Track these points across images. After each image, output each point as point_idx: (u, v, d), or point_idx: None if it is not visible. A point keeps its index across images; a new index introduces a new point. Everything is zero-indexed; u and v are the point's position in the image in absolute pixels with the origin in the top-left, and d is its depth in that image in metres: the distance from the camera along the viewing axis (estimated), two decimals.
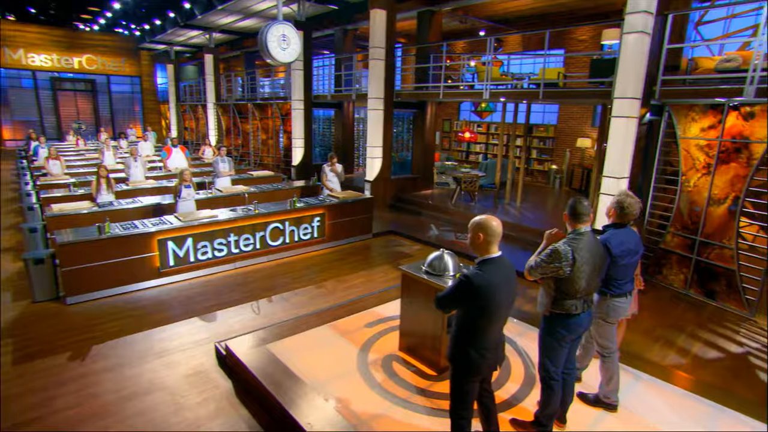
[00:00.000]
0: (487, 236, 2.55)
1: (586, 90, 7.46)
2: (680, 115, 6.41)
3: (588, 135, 12.40)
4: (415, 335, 4.16)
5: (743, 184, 5.82)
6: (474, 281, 2.45)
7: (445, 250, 4.12)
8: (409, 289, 4.13)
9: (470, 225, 2.66)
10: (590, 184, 10.31)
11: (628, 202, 3.37)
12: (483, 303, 2.48)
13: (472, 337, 2.58)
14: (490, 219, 2.61)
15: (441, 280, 3.87)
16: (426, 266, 4.09)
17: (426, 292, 3.93)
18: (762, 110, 5.62)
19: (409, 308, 4.17)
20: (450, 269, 3.98)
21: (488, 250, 2.57)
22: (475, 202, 10.40)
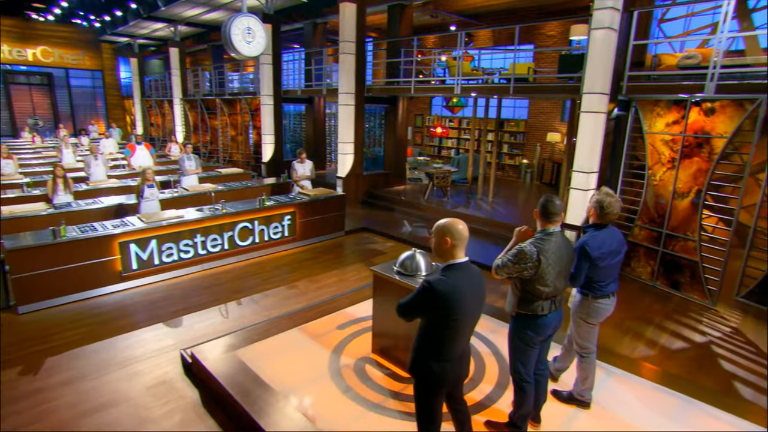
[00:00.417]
0: (454, 240, 2.44)
1: (555, 85, 7.51)
2: (646, 111, 6.51)
3: (558, 129, 12.57)
4: (388, 337, 4.08)
5: (705, 178, 5.96)
6: (437, 288, 2.32)
7: (417, 249, 4.04)
8: (381, 289, 4.04)
9: (435, 229, 2.52)
10: (560, 178, 10.44)
11: (608, 201, 3.27)
12: (447, 311, 2.35)
13: (434, 349, 2.45)
14: (455, 222, 2.49)
15: (413, 281, 3.80)
16: (398, 266, 4.00)
17: (398, 293, 3.85)
18: (722, 106, 5.76)
19: (381, 309, 4.08)
20: (422, 269, 3.91)
21: (454, 255, 2.45)
22: (447, 197, 10.39)
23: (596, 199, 3.32)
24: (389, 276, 3.93)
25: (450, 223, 2.49)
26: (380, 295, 4.06)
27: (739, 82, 5.79)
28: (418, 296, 2.42)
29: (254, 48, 5.98)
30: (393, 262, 4.14)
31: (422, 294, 2.39)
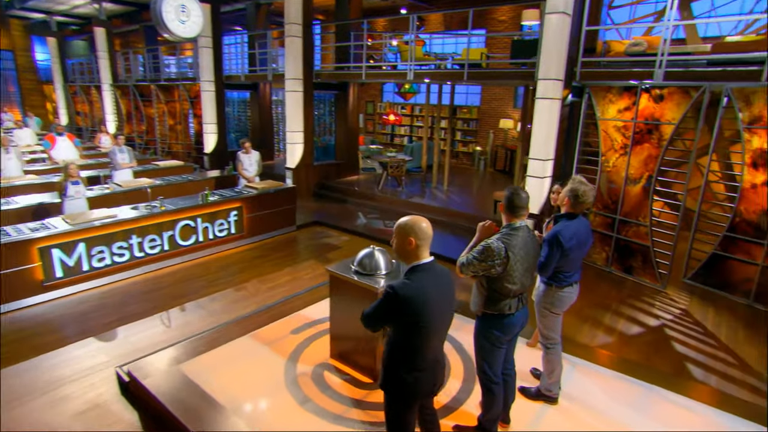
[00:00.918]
0: (418, 240, 2.26)
1: (510, 71, 7.51)
2: (599, 97, 6.62)
3: (510, 116, 12.73)
4: (347, 340, 3.88)
5: (655, 164, 6.15)
6: (401, 293, 2.15)
7: (375, 246, 3.85)
8: (339, 290, 3.83)
9: (396, 229, 2.33)
10: (515, 165, 10.57)
11: (583, 190, 3.23)
12: (414, 318, 2.19)
13: (405, 358, 2.30)
14: (418, 220, 2.30)
15: (372, 281, 3.61)
16: (356, 265, 3.80)
17: (357, 294, 3.66)
18: (670, 93, 5.94)
19: (339, 311, 3.88)
20: (382, 268, 3.73)
21: (418, 255, 2.28)
22: (402, 187, 10.27)
23: (570, 188, 3.27)
24: (347, 276, 3.72)
25: (413, 221, 2.31)
26: (338, 296, 3.85)
27: (684, 70, 5.99)
28: (382, 304, 2.24)
29: (190, 29, 5.52)
30: (350, 261, 3.93)
31: (386, 301, 2.21)
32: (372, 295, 3.54)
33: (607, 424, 3.37)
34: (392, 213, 9.10)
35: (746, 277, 5.81)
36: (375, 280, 3.63)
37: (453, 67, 9.21)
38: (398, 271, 3.75)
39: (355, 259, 3.86)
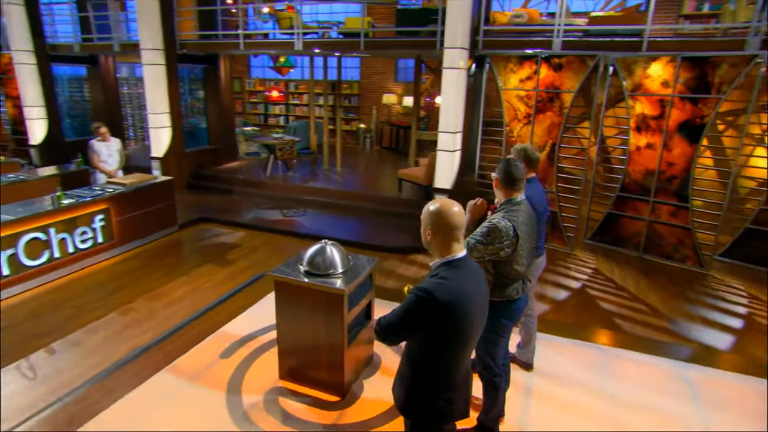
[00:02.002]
0: (437, 230, 1.89)
1: (412, 40, 7.30)
2: (500, 67, 6.80)
3: (393, 91, 12.71)
4: (303, 354, 3.34)
5: (558, 132, 6.55)
6: (439, 297, 1.76)
7: (327, 241, 3.33)
8: (287, 297, 3.25)
9: (423, 217, 1.95)
10: (408, 142, 10.58)
11: (531, 148, 3.31)
12: (452, 327, 1.82)
13: (435, 377, 1.93)
14: (448, 205, 1.91)
15: (328, 281, 3.12)
16: (305, 265, 3.26)
17: (311, 299, 3.14)
18: (568, 62, 6.32)
19: (290, 321, 3.30)
20: (338, 265, 3.24)
21: (450, 248, 1.91)
22: (293, 171, 9.58)
23: (519, 148, 3.28)
24: (296, 279, 3.16)
25: (441, 207, 1.91)
26: (286, 303, 3.27)
27: (579, 39, 6.42)
28: (413, 312, 1.82)
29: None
30: (297, 260, 3.37)
31: (419, 308, 1.80)
32: (335, 298, 3.05)
33: (591, 393, 3.42)
34: (287, 200, 8.42)
35: (635, 231, 6.55)
36: (330, 280, 3.14)
37: (338, 37, 8.72)
38: (357, 269, 3.31)
39: (303, 257, 3.30)
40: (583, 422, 3.13)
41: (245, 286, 5.14)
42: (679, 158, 6.05)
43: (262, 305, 4.61)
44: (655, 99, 6.05)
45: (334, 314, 3.10)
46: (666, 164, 6.14)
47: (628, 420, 3.16)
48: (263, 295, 4.83)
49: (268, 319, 4.26)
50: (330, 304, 3.08)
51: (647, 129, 6.20)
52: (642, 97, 6.15)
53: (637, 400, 3.36)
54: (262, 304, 4.63)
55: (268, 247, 6.58)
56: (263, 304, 4.63)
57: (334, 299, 3.06)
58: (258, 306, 4.58)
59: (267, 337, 3.97)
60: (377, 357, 3.78)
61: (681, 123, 5.95)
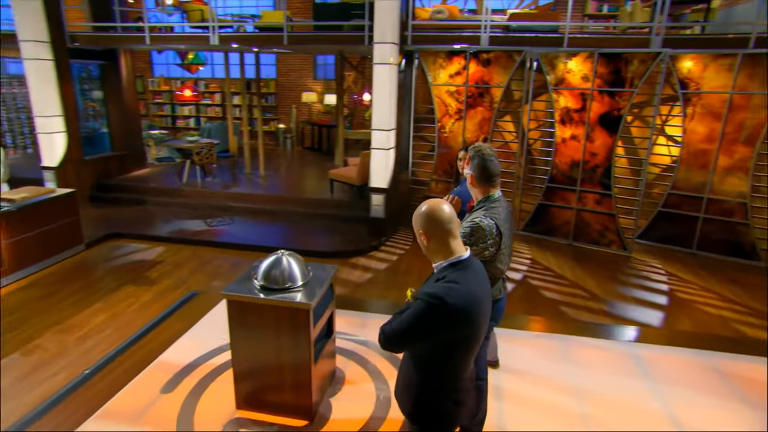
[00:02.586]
0: (446, 226, 1.79)
1: (338, 35, 7.10)
2: (429, 62, 6.86)
3: (312, 89, 12.40)
4: (263, 377, 3.06)
5: (489, 126, 6.75)
6: (452, 303, 1.67)
7: (284, 251, 3.09)
8: (244, 317, 2.96)
9: (415, 224, 1.85)
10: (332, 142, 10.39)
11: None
12: (464, 332, 1.75)
13: (444, 382, 1.84)
14: (435, 202, 1.83)
15: (289, 296, 2.89)
16: (260, 279, 2.99)
17: (273, 315, 2.90)
18: (496, 57, 6.52)
19: (248, 343, 3.02)
20: (297, 277, 3.01)
21: (451, 247, 1.81)
22: (213, 177, 8.97)
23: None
24: (252, 297, 2.89)
25: (429, 206, 1.83)
26: (242, 324, 2.98)
27: (505, 35, 6.65)
28: (423, 319, 1.71)
29: None
30: (247, 275, 3.09)
31: (430, 316, 1.69)
32: (300, 313, 2.83)
33: (559, 386, 3.50)
34: (210, 209, 7.86)
35: (565, 220, 6.94)
36: (291, 294, 2.91)
37: (255, 31, 8.30)
38: (317, 279, 3.10)
39: (257, 271, 3.03)
40: (559, 417, 3.19)
41: (177, 308, 4.67)
42: (600, 149, 6.49)
43: (202, 327, 4.21)
44: (576, 93, 6.43)
45: (299, 331, 2.87)
46: (589, 155, 6.55)
47: (599, 410, 3.27)
48: (201, 315, 4.42)
49: (213, 342, 3.91)
50: (294, 321, 2.85)
51: (571, 122, 6.58)
52: (565, 91, 6.52)
53: (601, 387, 3.50)
54: (203, 326, 4.23)
55: (194, 262, 6.08)
56: (204, 326, 4.23)
57: (299, 315, 2.83)
58: (197, 328, 4.18)
59: (215, 363, 3.62)
60: (339, 371, 3.59)
61: (601, 115, 6.39)
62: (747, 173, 6.20)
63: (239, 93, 9.56)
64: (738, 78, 6.01)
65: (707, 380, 3.60)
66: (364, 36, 6.76)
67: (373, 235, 6.77)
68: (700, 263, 6.39)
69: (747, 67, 5.97)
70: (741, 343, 4.33)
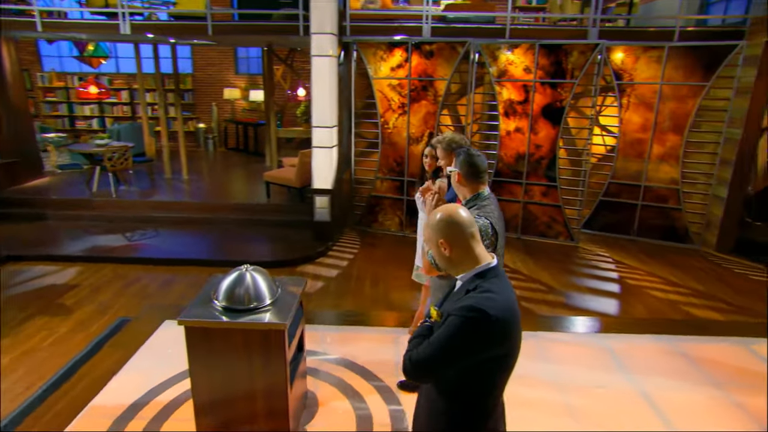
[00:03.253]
0: (468, 227, 1.68)
1: (268, 25, 6.74)
2: (369, 54, 6.73)
3: (235, 84, 11.83)
4: (232, 408, 2.77)
5: (434, 121, 6.75)
6: (494, 315, 1.53)
7: (248, 266, 2.81)
8: (205, 345, 2.66)
9: (430, 235, 1.71)
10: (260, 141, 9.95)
11: (460, 137, 3.28)
12: (506, 349, 1.62)
13: (482, 409, 1.71)
14: (450, 207, 1.73)
15: (259, 317, 2.64)
16: (222, 300, 2.70)
17: (243, 339, 2.63)
18: (439, 49, 6.53)
19: (212, 373, 2.72)
20: (265, 294, 2.75)
21: (476, 255, 1.68)
22: (128, 184, 8.24)
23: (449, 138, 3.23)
24: (215, 321, 2.60)
25: (445, 211, 1.70)
26: (204, 352, 2.67)
27: (447, 26, 6.69)
28: (462, 338, 1.55)
29: None
30: (206, 296, 2.79)
31: (470, 333, 1.54)
32: (274, 335, 2.59)
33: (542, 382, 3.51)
34: (128, 221, 7.18)
35: (513, 214, 7.12)
36: (260, 316, 2.65)
37: (170, 20, 7.72)
38: (287, 295, 2.86)
39: (217, 291, 2.74)
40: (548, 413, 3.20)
41: (107, 338, 4.17)
42: (544, 140, 6.72)
43: (142, 358, 3.78)
44: (519, 84, 6.60)
45: (272, 354, 2.63)
46: (534, 147, 6.77)
47: (586, 403, 3.32)
48: (138, 344, 3.97)
49: (159, 373, 3.52)
50: (267, 343, 2.60)
51: (515, 114, 6.75)
52: (508, 83, 6.67)
53: (582, 381, 3.56)
54: (143, 357, 3.79)
55: (117, 283, 5.50)
56: (144, 357, 3.80)
57: (273, 337, 2.59)
58: (136, 360, 3.74)
59: (166, 398, 3.25)
60: (310, 393, 3.37)
61: (544, 107, 6.61)
62: (678, 161, 6.71)
63: (154, 89, 8.85)
64: (666, 69, 6.48)
65: (677, 365, 3.80)
66: (298, 26, 6.50)
67: (318, 239, 6.53)
68: (641, 249, 6.83)
69: (673, 59, 6.45)
70: (695, 326, 4.65)
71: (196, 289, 5.28)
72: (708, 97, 6.46)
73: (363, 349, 3.93)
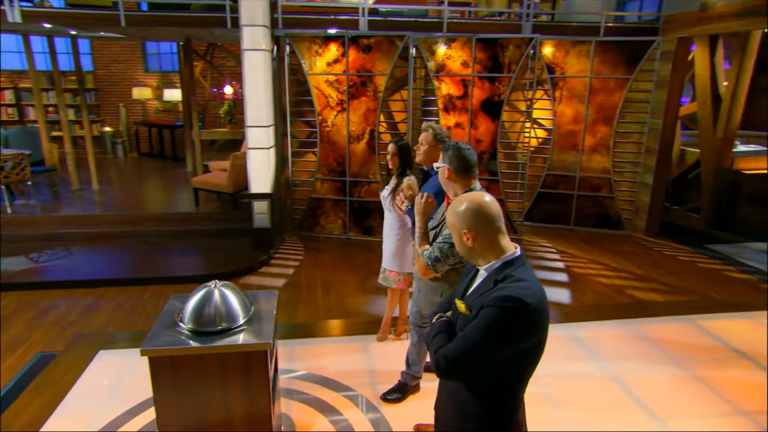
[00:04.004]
0: (495, 218, 1.64)
1: (188, 16, 6.30)
2: (303, 48, 6.53)
3: (145, 83, 11.02)
4: None
5: (375, 118, 6.69)
6: (530, 303, 1.50)
7: (217, 282, 2.57)
8: (173, 375, 2.39)
9: (456, 221, 1.66)
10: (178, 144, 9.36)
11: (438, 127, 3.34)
12: (539, 338, 1.59)
13: (514, 402, 1.69)
14: (479, 195, 1.69)
15: (233, 338, 2.42)
16: (188, 322, 2.45)
17: (217, 365, 2.40)
18: (377, 43, 6.47)
19: (182, 403, 2.45)
20: (238, 313, 2.53)
21: (501, 245, 1.65)
22: (25, 198, 7.38)
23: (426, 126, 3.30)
24: (185, 348, 2.35)
25: (474, 199, 1.66)
26: (172, 383, 2.40)
27: (385, 19, 6.65)
28: (501, 327, 1.50)
29: None
30: (171, 318, 2.52)
31: (509, 323, 1.50)
32: (255, 357, 2.38)
33: None
34: (31, 240, 6.43)
35: None
36: (234, 337, 2.44)
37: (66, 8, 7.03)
38: (262, 311, 2.66)
39: (182, 313, 2.48)
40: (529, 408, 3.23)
41: (28, 378, 3.66)
42: (484, 135, 6.90)
43: (76, 399, 3.35)
44: (458, 79, 6.72)
45: (253, 378, 2.42)
46: (474, 142, 6.92)
47: (563, 396, 3.40)
48: (70, 383, 3.52)
49: (104, 413, 3.14)
50: (247, 367, 2.39)
51: (454, 109, 6.87)
52: (446, 78, 6.76)
53: (558, 372, 3.65)
54: (77, 397, 3.36)
55: (26, 312, 4.89)
56: (78, 397, 3.37)
57: (254, 358, 2.38)
58: (71, 401, 3.31)
59: None
60: (284, 416, 3.17)
61: (483, 101, 6.78)
62: (608, 151, 7.17)
63: (51, 89, 7.98)
64: (594, 63, 6.89)
65: (639, 348, 4.02)
66: (225, 18, 6.16)
67: (259, 248, 6.24)
68: (580, 237, 7.23)
69: (599, 54, 6.88)
70: (646, 308, 4.97)
71: (127, 313, 4.88)
72: (632, 90, 6.97)
73: (331, 361, 3.78)
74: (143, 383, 3.45)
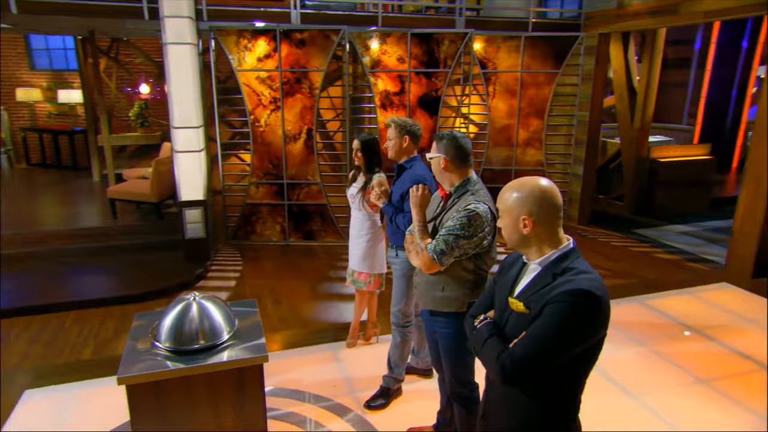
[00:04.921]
0: (560, 209, 1.62)
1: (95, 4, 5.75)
2: (230, 43, 6.29)
3: (31, 83, 10.01)
4: None
5: (312, 116, 6.58)
6: (600, 295, 1.49)
7: (195, 294, 2.40)
8: (155, 402, 2.20)
9: (515, 205, 1.61)
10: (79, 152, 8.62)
11: (411, 121, 3.38)
12: (605, 332, 1.57)
13: (576, 401, 1.68)
14: (548, 183, 1.63)
15: (219, 355, 2.28)
16: (165, 341, 2.26)
17: (206, 385, 2.25)
18: (311, 37, 6.37)
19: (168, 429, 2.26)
20: (222, 327, 2.37)
21: (559, 235, 1.63)
22: None
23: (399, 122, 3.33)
24: (166, 371, 2.16)
25: (546, 188, 1.60)
26: (154, 410, 2.20)
27: (318, 12, 6.56)
28: (574, 324, 1.48)
29: None
30: (141, 339, 2.31)
31: (584, 317, 1.49)
32: (249, 372, 2.25)
33: None
34: None
35: None
36: (217, 355, 2.29)
37: None
38: (248, 324, 2.53)
39: (158, 330, 2.29)
40: None
41: None
42: (423, 131, 6.92)
43: None
44: (394, 75, 6.79)
45: (247, 395, 2.28)
46: None
47: None
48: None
49: None
50: (241, 383, 2.25)
51: (391, 105, 6.94)
52: (382, 74, 6.81)
53: None
54: None
55: None
56: None
57: (248, 374, 2.24)
58: None
59: None
60: None
61: (420, 97, 6.91)
62: (541, 144, 7.60)
63: None
64: (524, 58, 7.27)
65: None
66: (141, 7, 5.76)
67: (193, 260, 5.90)
68: None
69: (529, 48, 7.27)
70: None
71: (47, 345, 4.39)
72: (560, 84, 7.43)
73: (302, 373, 3.66)
74: (91, 418, 3.15)
